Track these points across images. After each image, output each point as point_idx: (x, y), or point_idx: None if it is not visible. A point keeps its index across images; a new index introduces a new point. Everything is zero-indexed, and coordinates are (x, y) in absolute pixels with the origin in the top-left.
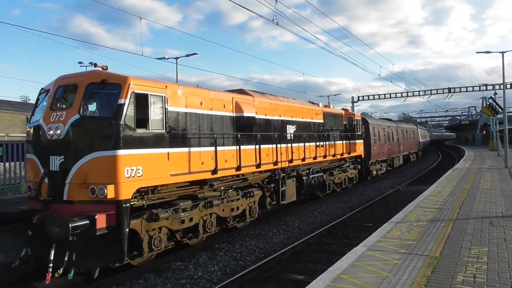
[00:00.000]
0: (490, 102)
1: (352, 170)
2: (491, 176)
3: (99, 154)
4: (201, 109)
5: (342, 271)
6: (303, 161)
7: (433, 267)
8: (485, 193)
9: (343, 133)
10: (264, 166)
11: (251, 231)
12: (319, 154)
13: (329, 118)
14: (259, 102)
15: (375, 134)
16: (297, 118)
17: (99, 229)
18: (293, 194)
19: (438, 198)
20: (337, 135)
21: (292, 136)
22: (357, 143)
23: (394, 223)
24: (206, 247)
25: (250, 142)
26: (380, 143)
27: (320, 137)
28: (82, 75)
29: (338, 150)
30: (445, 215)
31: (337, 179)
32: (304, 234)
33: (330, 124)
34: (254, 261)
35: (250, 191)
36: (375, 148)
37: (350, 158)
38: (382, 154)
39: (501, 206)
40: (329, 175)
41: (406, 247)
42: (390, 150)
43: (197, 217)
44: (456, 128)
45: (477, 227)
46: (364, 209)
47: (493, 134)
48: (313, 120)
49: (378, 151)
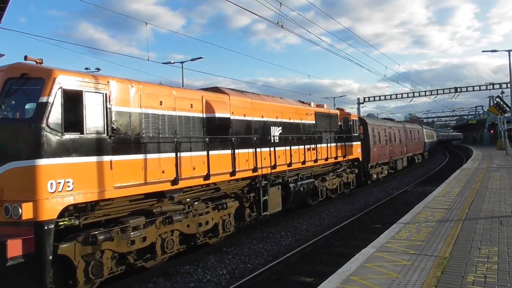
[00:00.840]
0: (498, 101)
1: (348, 174)
2: (500, 176)
3: (15, 165)
4: (161, 109)
5: (351, 272)
6: (289, 166)
7: (443, 267)
8: (494, 193)
9: (338, 135)
10: (241, 174)
11: (258, 234)
12: (310, 158)
13: (321, 119)
14: (236, 101)
15: (375, 135)
16: (284, 119)
17: (12, 258)
18: (278, 204)
19: (446, 199)
20: (331, 137)
21: (277, 139)
22: (354, 145)
23: (402, 224)
24: (215, 251)
25: (225, 146)
26: (381, 144)
27: (311, 139)
28: (0, 69)
29: (332, 153)
30: (454, 215)
31: (331, 185)
32: (312, 236)
33: (322, 125)
34: (263, 264)
35: (222, 202)
36: (375, 150)
37: (347, 162)
38: (383, 156)
39: (510, 206)
40: (322, 181)
41: (415, 248)
42: (392, 151)
43: (153, 235)
44: (464, 128)
45: (486, 227)
46: (372, 210)
47: (501, 133)
48: (302, 121)
49: (378, 153)
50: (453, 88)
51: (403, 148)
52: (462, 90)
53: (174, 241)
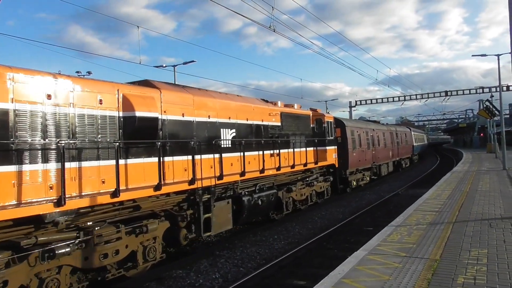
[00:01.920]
0: (487, 104)
1: (321, 183)
2: (489, 178)
3: None
4: (49, 105)
5: (343, 275)
6: (242, 176)
7: (433, 270)
8: (484, 195)
9: (309, 139)
10: (171, 187)
11: (251, 237)
12: (271, 165)
13: (288, 120)
14: (171, 97)
15: (355, 139)
16: (239, 120)
17: None
18: (227, 221)
19: (437, 201)
20: (301, 141)
21: (230, 144)
22: (329, 150)
23: (394, 226)
24: (207, 255)
25: (152, 153)
26: (362, 148)
27: (275, 144)
28: None
29: (301, 159)
30: (445, 218)
31: (299, 196)
32: (304, 240)
33: (290, 127)
34: (256, 267)
35: (141, 224)
36: (354, 155)
37: (320, 169)
38: (365, 161)
39: (500, 208)
40: (287, 192)
41: (406, 251)
42: (376, 156)
43: (22, 278)
44: (454, 131)
45: (476, 229)
46: (364, 213)
47: (491, 136)
48: (264, 122)
49: (358, 158)
50: (443, 91)
51: (388, 152)
52: (453, 93)
53: (61, 281)
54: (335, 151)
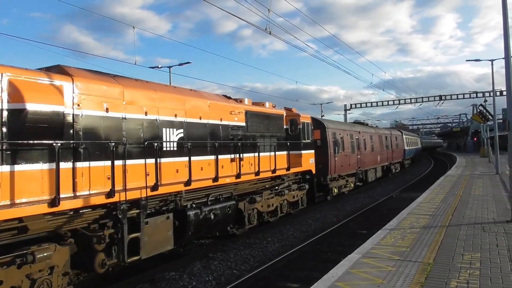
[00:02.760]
0: (481, 109)
1: (295, 191)
2: (482, 183)
3: None
4: None
5: (337, 278)
6: (188, 185)
7: (427, 273)
8: (477, 200)
9: (282, 141)
10: (75, 201)
11: (245, 240)
12: (230, 172)
13: (255, 120)
14: (88, 86)
15: (337, 142)
16: (189, 118)
17: None
18: (166, 240)
19: (431, 205)
20: (272, 144)
21: (176, 146)
22: (304, 154)
23: (388, 230)
24: (201, 257)
25: (52, 157)
26: (345, 152)
27: (236, 147)
28: None
29: (270, 165)
30: (438, 222)
31: (266, 207)
32: (298, 242)
33: (258, 128)
34: (249, 270)
35: (24, 252)
36: (337, 159)
37: (295, 175)
38: (348, 166)
39: (492, 212)
40: (250, 202)
41: (400, 254)
42: (361, 161)
43: None
44: (448, 135)
45: (469, 233)
46: (358, 216)
47: (484, 140)
48: (223, 122)
49: (341, 163)
50: (437, 96)
51: (376, 156)
52: (447, 98)
53: None
54: (312, 155)
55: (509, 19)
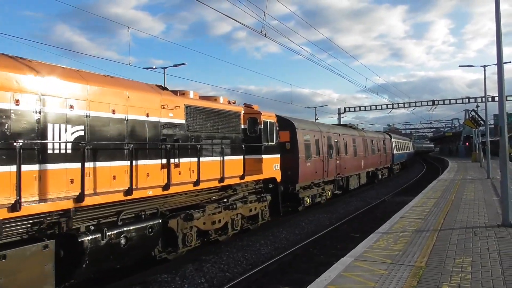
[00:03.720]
0: (473, 114)
1: (253, 203)
2: (474, 187)
3: None
4: None
5: (329, 282)
6: (79, 201)
7: (419, 277)
8: (469, 204)
9: (238, 144)
10: None
11: (238, 242)
12: (157, 182)
13: (200, 117)
14: None
15: (310, 145)
16: (95, 111)
17: None
18: (40, 280)
19: (423, 209)
20: (222, 147)
21: (70, 148)
22: (266, 159)
23: (380, 233)
24: (193, 259)
25: None
26: (320, 157)
27: (169, 150)
28: None
29: (222, 172)
30: (430, 226)
31: (210, 224)
32: (291, 245)
33: (203, 127)
34: (241, 272)
35: None
36: (309, 165)
37: (256, 183)
38: (324, 173)
39: (484, 217)
40: (186, 220)
41: (392, 258)
42: (341, 166)
43: None
44: (440, 140)
45: (461, 237)
46: (351, 219)
47: (476, 145)
48: (151, 118)
49: (315, 169)
50: (430, 100)
51: (360, 161)
52: (439, 103)
53: None
54: (277, 160)
55: (501, 26)
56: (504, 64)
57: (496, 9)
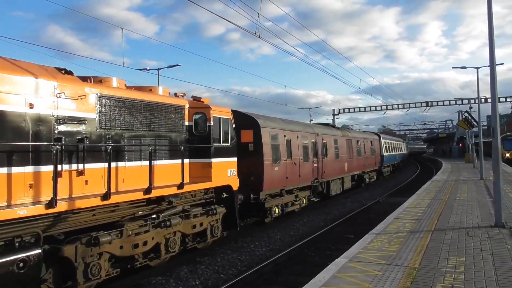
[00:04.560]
0: (466, 116)
1: (198, 218)
2: (467, 188)
3: None
4: None
5: (324, 283)
6: None
7: (412, 277)
8: (462, 204)
9: (178, 144)
10: None
11: (232, 244)
12: (39, 195)
13: (121, 111)
14: None
15: (278, 146)
16: None
17: None
18: None
19: (417, 210)
20: (154, 149)
21: None
22: (218, 163)
23: (374, 234)
24: (188, 261)
25: None
26: (292, 160)
27: (65, 153)
28: None
29: (141, 180)
30: (424, 226)
31: (130, 248)
32: (286, 246)
33: (125, 123)
34: (236, 274)
35: None
36: (277, 169)
37: (206, 192)
38: (298, 178)
39: (477, 217)
40: (90, 245)
41: (386, 258)
42: (320, 170)
43: None
44: (434, 141)
45: (454, 237)
46: (346, 220)
47: (469, 146)
48: (35, 110)
49: (285, 174)
50: (424, 102)
51: (343, 164)
52: (433, 104)
53: None
54: (233, 164)
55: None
56: (496, 66)
57: (489, 11)
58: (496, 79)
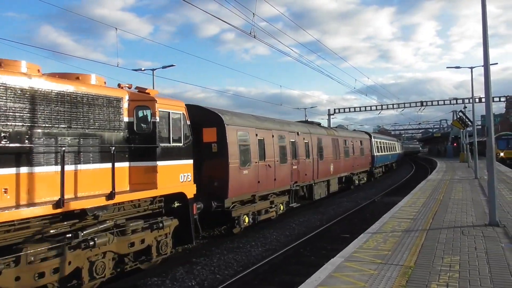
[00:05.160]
0: (460, 115)
1: (139, 234)
2: (462, 187)
3: None
4: None
5: (319, 282)
6: None
7: (408, 276)
8: (457, 204)
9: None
10: None
11: (228, 244)
12: None
13: (28, 102)
14: None
15: (249, 146)
16: None
17: None
18: None
19: (412, 209)
20: (64, 150)
21: None
22: (164, 166)
23: (370, 234)
24: (184, 262)
25: None
26: (265, 162)
27: None
28: None
29: (52, 191)
30: (419, 225)
31: (31, 279)
32: (282, 246)
33: (34, 118)
34: (232, 274)
35: None
36: (246, 172)
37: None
38: (273, 182)
39: (471, 216)
40: None
41: (382, 258)
42: (300, 172)
43: None
44: (429, 140)
45: (449, 236)
46: (341, 220)
47: (464, 146)
48: None
49: (256, 178)
50: (419, 101)
51: (327, 165)
52: (428, 104)
53: None
54: (187, 168)
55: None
56: (490, 66)
57: (483, 11)
58: (490, 78)
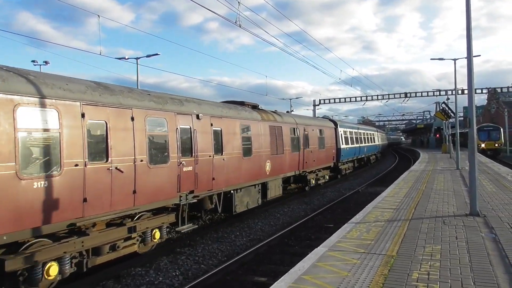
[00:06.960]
0: (443, 107)
1: None
2: (444, 178)
3: None
4: None
5: (303, 272)
6: None
7: (390, 265)
8: (439, 194)
9: None
10: None
11: (213, 234)
12: None
13: None
14: None
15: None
16: None
17: None
18: None
19: (395, 199)
20: None
21: None
22: None
23: (353, 223)
24: (168, 252)
25: None
26: (108, 164)
27: None
28: None
29: None
30: (402, 215)
31: None
32: (266, 236)
33: None
34: (217, 264)
35: None
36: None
37: None
38: (127, 199)
39: (453, 206)
40: None
41: (365, 247)
42: (201, 177)
43: None
44: (412, 132)
45: (431, 226)
46: (325, 210)
47: (446, 137)
48: None
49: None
50: (403, 93)
51: (259, 163)
52: (411, 95)
53: None
54: None
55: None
56: (473, 58)
57: (467, 3)
58: (473, 70)
